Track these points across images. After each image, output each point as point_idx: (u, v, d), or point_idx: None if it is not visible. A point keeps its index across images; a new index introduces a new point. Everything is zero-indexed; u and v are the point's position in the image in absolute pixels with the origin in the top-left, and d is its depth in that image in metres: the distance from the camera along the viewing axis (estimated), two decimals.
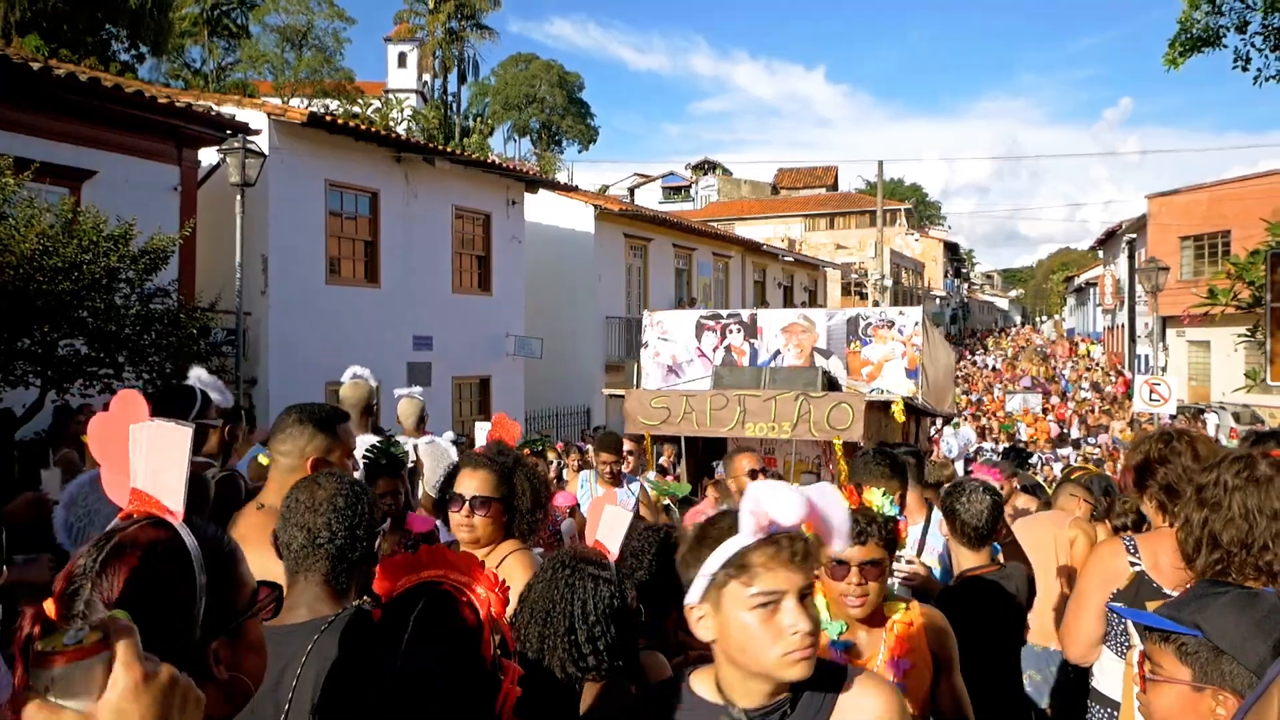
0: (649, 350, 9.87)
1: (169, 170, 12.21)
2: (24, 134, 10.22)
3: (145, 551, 1.13)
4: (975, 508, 3.29)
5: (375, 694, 1.72)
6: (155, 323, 9.21)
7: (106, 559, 1.12)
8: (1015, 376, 39.36)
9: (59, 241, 8.16)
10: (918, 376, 8.81)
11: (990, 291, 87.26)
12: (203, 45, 38.09)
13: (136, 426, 1.21)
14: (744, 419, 8.01)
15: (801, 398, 7.88)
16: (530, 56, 64.33)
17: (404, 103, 38.70)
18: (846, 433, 7.68)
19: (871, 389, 8.64)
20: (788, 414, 7.86)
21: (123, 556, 1.12)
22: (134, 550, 1.13)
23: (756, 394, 8.12)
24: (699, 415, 8.22)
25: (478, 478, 3.02)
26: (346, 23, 46.49)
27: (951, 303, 62.87)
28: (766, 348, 9.34)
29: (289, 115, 14.03)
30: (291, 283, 13.70)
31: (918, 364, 8.83)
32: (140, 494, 1.19)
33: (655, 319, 9.99)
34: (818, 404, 7.85)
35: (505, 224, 18.12)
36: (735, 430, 8.06)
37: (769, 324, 9.48)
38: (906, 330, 8.93)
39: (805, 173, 63.85)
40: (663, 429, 8.40)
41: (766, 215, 53.08)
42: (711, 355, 9.51)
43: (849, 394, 8.18)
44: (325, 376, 13.81)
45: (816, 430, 7.83)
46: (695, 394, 8.48)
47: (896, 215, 55.23)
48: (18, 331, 8.15)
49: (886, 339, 8.96)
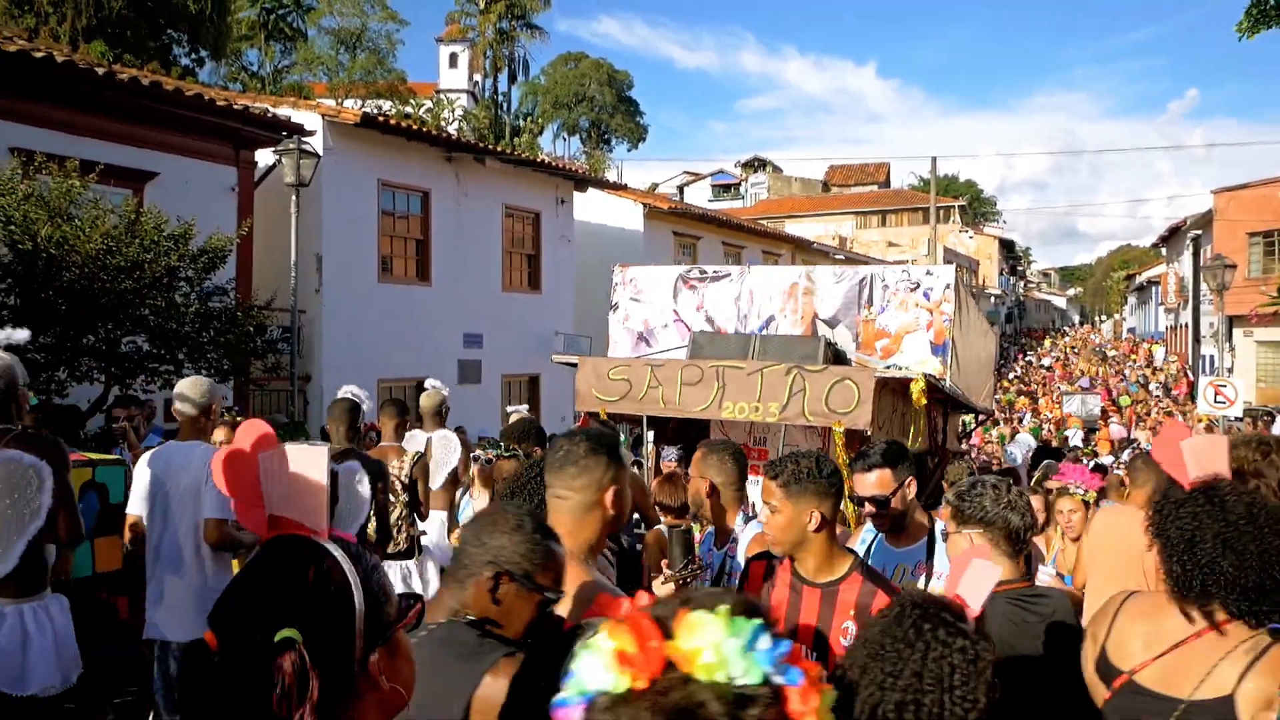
0: (618, 314, 8.11)
1: (227, 171, 12.46)
2: (90, 137, 10.50)
3: (302, 571, 1.15)
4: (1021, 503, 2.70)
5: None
6: (213, 320, 9.41)
7: (264, 585, 1.16)
8: (1072, 377, 38.55)
9: (122, 241, 8.37)
10: (946, 353, 7.02)
11: (1047, 290, 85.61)
12: (260, 48, 38.83)
13: (265, 455, 1.22)
14: (721, 397, 6.41)
15: (795, 372, 6.20)
16: (580, 55, 64.57)
17: (455, 103, 39.09)
18: (850, 417, 5.96)
19: (888, 366, 6.95)
20: (776, 392, 6.21)
21: (282, 581, 1.15)
22: (290, 573, 1.15)
23: (740, 366, 6.46)
24: (666, 391, 6.59)
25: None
26: (399, 24, 47.00)
27: (1007, 301, 61.80)
28: (758, 312, 7.58)
29: (343, 116, 14.24)
30: (345, 281, 13.91)
31: (946, 338, 7.02)
32: (281, 520, 1.20)
33: (628, 276, 8.17)
34: (815, 380, 6.14)
35: (555, 223, 18.20)
36: (710, 410, 6.49)
37: (763, 284, 7.70)
38: (934, 294, 7.10)
39: (857, 169, 63.24)
40: (621, 406, 6.82)
41: (817, 213, 52.67)
42: (690, 320, 7.77)
43: (855, 369, 6.53)
44: (378, 374, 14.01)
45: (812, 413, 6.11)
46: (663, 364, 6.83)
47: (950, 212, 54.44)
48: (83, 329, 8.38)
49: (909, 305, 7.14)
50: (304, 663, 1.06)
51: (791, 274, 7.78)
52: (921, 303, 7.11)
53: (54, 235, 7.90)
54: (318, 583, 1.14)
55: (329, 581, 1.15)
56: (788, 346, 6.91)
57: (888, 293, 7.21)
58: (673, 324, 7.83)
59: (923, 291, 7.13)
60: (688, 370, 6.61)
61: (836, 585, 2.67)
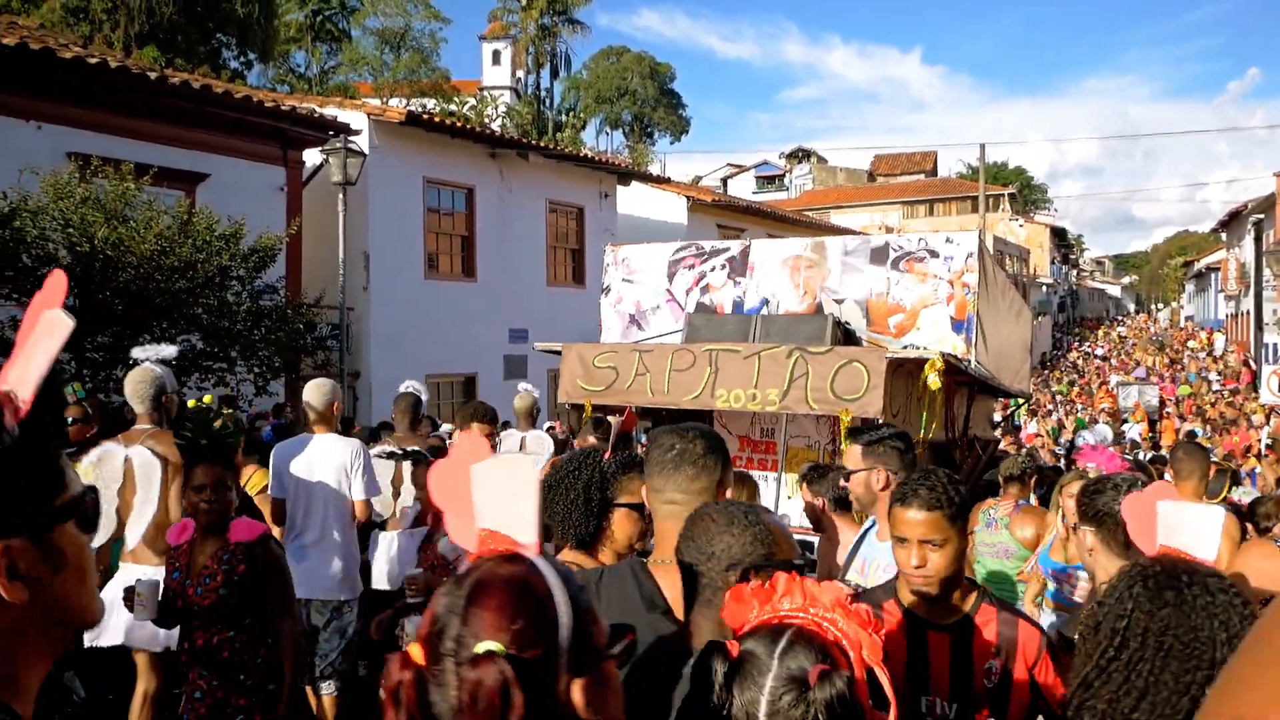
0: (610, 296, 7.48)
1: (275, 171, 12.66)
2: (143, 140, 10.73)
3: (509, 585, 1.10)
4: None
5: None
6: (264, 318, 9.57)
7: (470, 597, 1.10)
8: (1128, 366, 37.71)
9: (175, 242, 8.54)
10: (970, 330, 6.20)
11: (1101, 278, 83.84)
12: (306, 50, 39.42)
13: (478, 466, 1.20)
14: (714, 384, 5.71)
15: (796, 355, 5.49)
16: (622, 49, 64.54)
17: (498, 99, 39.36)
18: (859, 404, 5.27)
19: (904, 346, 6.07)
20: (776, 378, 5.53)
21: (487, 593, 1.09)
22: (497, 586, 1.10)
23: (734, 350, 5.76)
24: (655, 379, 5.89)
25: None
26: (442, 23, 47.35)
27: (1059, 290, 60.65)
28: (758, 289, 6.81)
29: (388, 115, 14.38)
30: (391, 278, 14.06)
31: (970, 312, 6.20)
32: (490, 533, 1.17)
33: (620, 255, 7.52)
34: (818, 363, 5.44)
35: (598, 217, 18.22)
36: (702, 400, 5.77)
37: (765, 258, 6.90)
38: (955, 264, 6.23)
39: (903, 158, 62.43)
40: (607, 397, 6.11)
41: (863, 203, 52.11)
42: (684, 300, 7.05)
43: (863, 350, 5.76)
44: (425, 369, 14.12)
45: (815, 400, 5.40)
46: (652, 349, 6.13)
47: (999, 200, 53.52)
48: (139, 328, 8.57)
49: (925, 275, 6.29)
50: (508, 676, 1.00)
51: (796, 245, 6.99)
52: (941, 273, 6.28)
53: (110, 237, 8.08)
54: (525, 597, 1.09)
55: (536, 597, 1.10)
56: (792, 327, 6.18)
57: (902, 260, 6.41)
58: (665, 305, 7.12)
59: (943, 259, 6.29)
60: (678, 355, 5.88)
61: (970, 621, 2.36)
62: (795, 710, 1.22)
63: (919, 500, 2.31)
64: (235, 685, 3.37)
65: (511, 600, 1.08)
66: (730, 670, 1.28)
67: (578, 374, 6.17)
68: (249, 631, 3.40)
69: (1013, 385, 8.00)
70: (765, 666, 1.27)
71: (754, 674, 1.26)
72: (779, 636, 1.29)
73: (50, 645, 1.03)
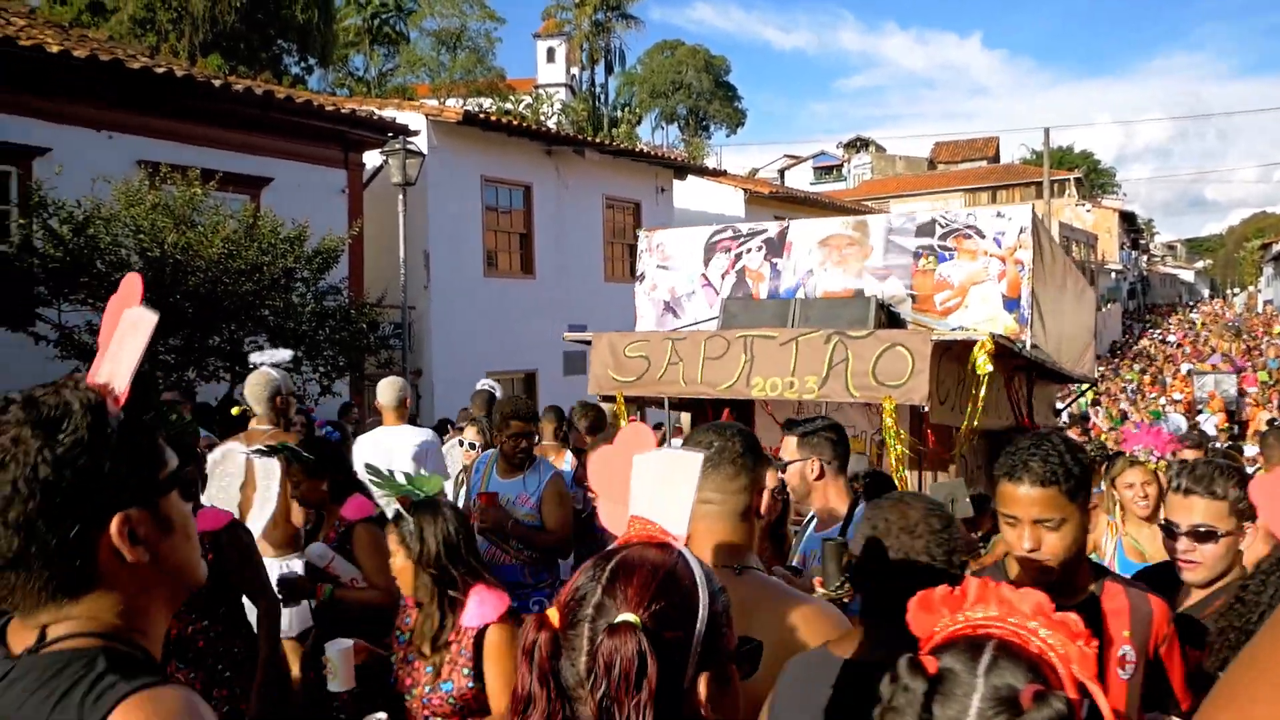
0: (644, 284, 7.25)
1: (337, 174, 12.85)
2: (208, 147, 10.97)
3: (654, 567, 1.13)
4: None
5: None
6: (329, 319, 9.72)
7: (616, 571, 1.13)
8: (1202, 354, 36.49)
9: (242, 245, 8.71)
10: (1024, 309, 5.81)
11: (1173, 263, 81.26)
12: (365, 54, 40.04)
13: (642, 456, 1.26)
14: (749, 372, 5.43)
15: (836, 340, 5.17)
16: (676, 43, 64.34)
17: (553, 97, 39.51)
18: (902, 390, 4.97)
19: (954, 328, 5.64)
20: (814, 364, 5.20)
21: (635, 571, 1.12)
22: (642, 565, 1.13)
23: (770, 335, 5.46)
24: (688, 367, 5.64)
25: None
26: (497, 23, 47.83)
27: (1129, 276, 58.95)
28: (795, 270, 6.47)
29: (445, 115, 14.51)
30: (452, 276, 14.19)
31: (1023, 291, 5.80)
32: (639, 519, 1.21)
33: (654, 241, 7.22)
34: (859, 347, 5.11)
35: (655, 211, 18.17)
36: (737, 389, 5.49)
37: (803, 237, 6.51)
38: (1008, 239, 5.83)
39: (964, 145, 61.22)
40: (639, 388, 5.91)
41: (923, 191, 51.21)
42: (719, 285, 6.76)
43: (906, 332, 5.39)
44: (486, 366, 14.23)
45: (857, 387, 5.08)
46: (685, 336, 5.88)
47: (1065, 185, 52.18)
48: (208, 330, 8.75)
49: (975, 253, 5.90)
50: (645, 648, 1.03)
51: (835, 224, 6.68)
52: (992, 250, 5.86)
53: (180, 242, 8.27)
54: (669, 580, 1.12)
55: (678, 584, 1.12)
56: (832, 310, 5.83)
57: (950, 235, 6.01)
58: (700, 290, 6.85)
59: (993, 236, 5.87)
60: (711, 343, 5.61)
61: (1096, 600, 2.12)
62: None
63: (1030, 474, 2.04)
64: (213, 676, 3.34)
65: (657, 581, 1.11)
66: (929, 689, 1.15)
67: (608, 364, 6.00)
68: (224, 621, 3.36)
69: (1075, 370, 7.59)
70: (969, 685, 1.13)
71: (957, 694, 1.13)
72: (979, 650, 1.16)
73: (167, 602, 1.19)
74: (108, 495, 1.07)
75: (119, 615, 1.10)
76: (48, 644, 1.06)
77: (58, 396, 1.07)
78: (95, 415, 1.07)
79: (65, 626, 1.07)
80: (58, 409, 1.06)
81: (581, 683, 1.06)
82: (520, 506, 4.57)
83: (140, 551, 1.10)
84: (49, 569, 1.05)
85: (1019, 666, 1.13)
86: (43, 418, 1.05)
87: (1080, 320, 7.95)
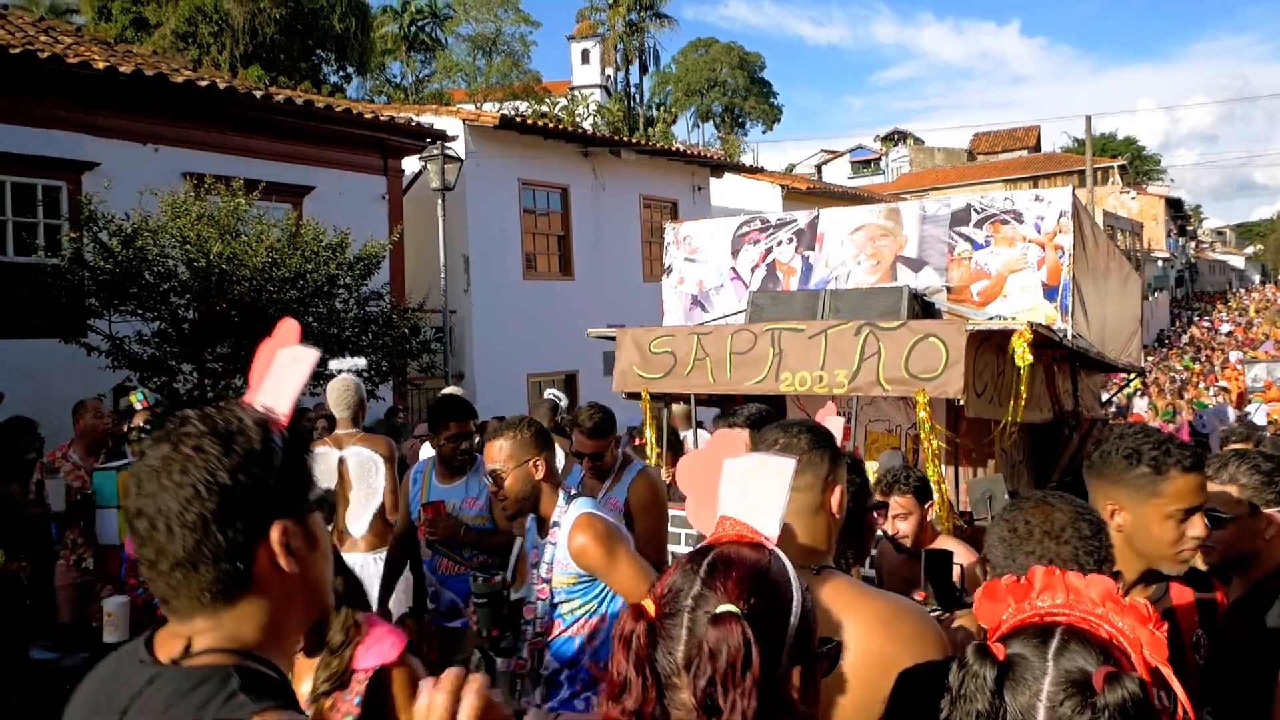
0: (671, 278, 7.06)
1: (377, 181, 12.98)
2: (251, 157, 11.14)
3: (751, 562, 1.18)
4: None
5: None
6: (371, 324, 9.82)
7: (714, 566, 1.17)
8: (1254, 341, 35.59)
9: (285, 253, 8.82)
10: (1065, 297, 5.51)
11: (1222, 250, 79.41)
12: (402, 61, 40.43)
13: (733, 459, 1.30)
14: (778, 366, 5.24)
15: (866, 331, 4.97)
16: (710, 41, 64.16)
17: (589, 98, 39.58)
18: (937, 383, 4.76)
19: (990, 318, 5.45)
20: (845, 357, 5.01)
21: (732, 566, 1.16)
22: (740, 560, 1.18)
23: (798, 328, 5.25)
24: (715, 363, 5.47)
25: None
26: (532, 26, 47.90)
27: (1176, 264, 57.71)
28: (826, 261, 6.23)
29: (482, 120, 14.60)
30: (491, 280, 14.27)
31: (1064, 277, 5.50)
32: (729, 520, 1.25)
33: (682, 233, 6.98)
34: (890, 339, 4.91)
35: (692, 210, 18.13)
36: (766, 384, 5.32)
37: (834, 228, 6.29)
38: (1046, 224, 5.55)
39: (1004, 135, 60.33)
40: (665, 385, 5.75)
41: (963, 183, 50.54)
42: (749, 278, 6.54)
43: (940, 323, 5.17)
44: (526, 368, 14.31)
45: (889, 380, 4.90)
46: (711, 331, 5.67)
47: (1109, 173, 51.22)
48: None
49: (1014, 239, 5.64)
50: (749, 637, 1.07)
51: (867, 213, 6.46)
52: (1031, 235, 5.60)
53: (225, 251, 8.39)
54: (765, 576, 1.16)
55: (772, 580, 1.17)
56: (864, 301, 5.60)
57: (986, 222, 5.74)
58: (729, 283, 6.64)
59: (1032, 222, 5.61)
60: (738, 337, 5.41)
61: (1165, 593, 2.18)
62: (1080, 717, 1.10)
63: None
64: None
65: (754, 577, 1.15)
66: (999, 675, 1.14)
67: (634, 360, 5.89)
68: None
69: (1120, 359, 7.37)
70: (1040, 670, 1.12)
71: (1027, 678, 1.12)
72: (1049, 636, 1.15)
73: (302, 622, 1.23)
74: (271, 504, 1.14)
75: (262, 629, 1.15)
76: (190, 656, 1.11)
77: (232, 413, 1.16)
78: (265, 431, 1.16)
79: (208, 639, 1.12)
80: (234, 423, 1.15)
81: (678, 671, 1.09)
82: (467, 510, 4.27)
83: (293, 562, 1.16)
84: (214, 569, 1.11)
85: (1089, 650, 1.12)
86: (221, 429, 1.13)
87: (1125, 307, 7.75)
